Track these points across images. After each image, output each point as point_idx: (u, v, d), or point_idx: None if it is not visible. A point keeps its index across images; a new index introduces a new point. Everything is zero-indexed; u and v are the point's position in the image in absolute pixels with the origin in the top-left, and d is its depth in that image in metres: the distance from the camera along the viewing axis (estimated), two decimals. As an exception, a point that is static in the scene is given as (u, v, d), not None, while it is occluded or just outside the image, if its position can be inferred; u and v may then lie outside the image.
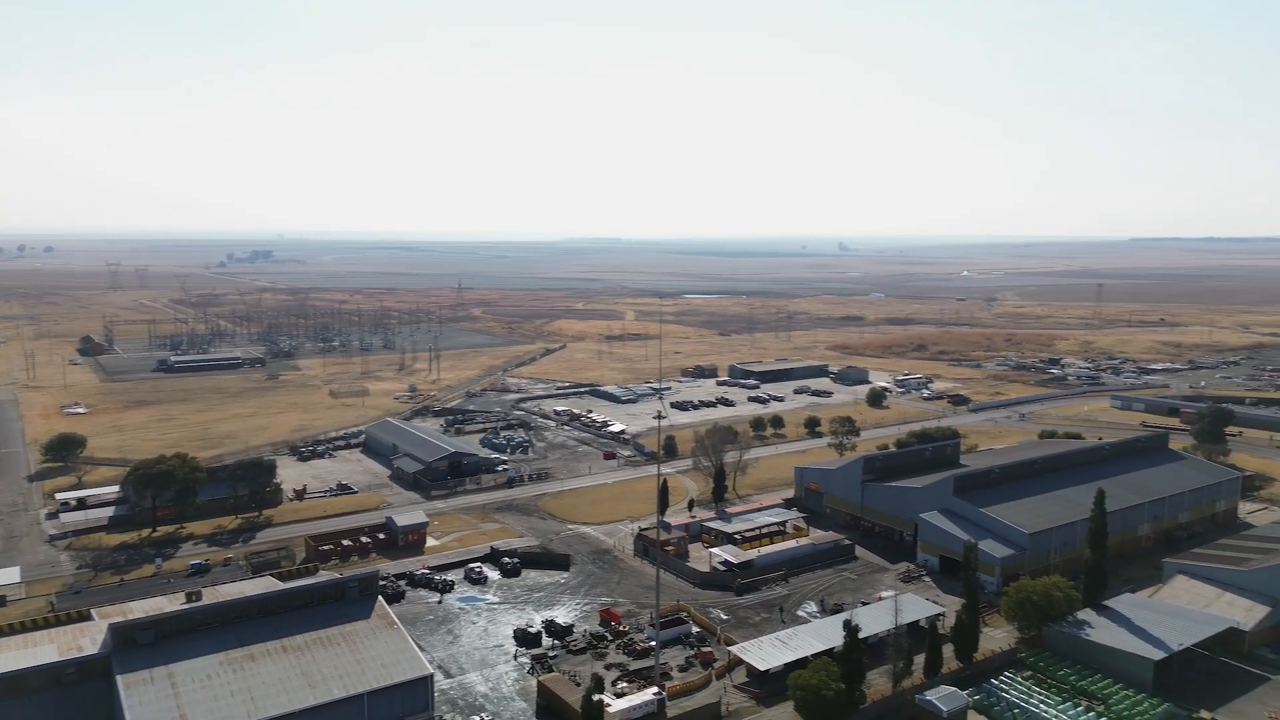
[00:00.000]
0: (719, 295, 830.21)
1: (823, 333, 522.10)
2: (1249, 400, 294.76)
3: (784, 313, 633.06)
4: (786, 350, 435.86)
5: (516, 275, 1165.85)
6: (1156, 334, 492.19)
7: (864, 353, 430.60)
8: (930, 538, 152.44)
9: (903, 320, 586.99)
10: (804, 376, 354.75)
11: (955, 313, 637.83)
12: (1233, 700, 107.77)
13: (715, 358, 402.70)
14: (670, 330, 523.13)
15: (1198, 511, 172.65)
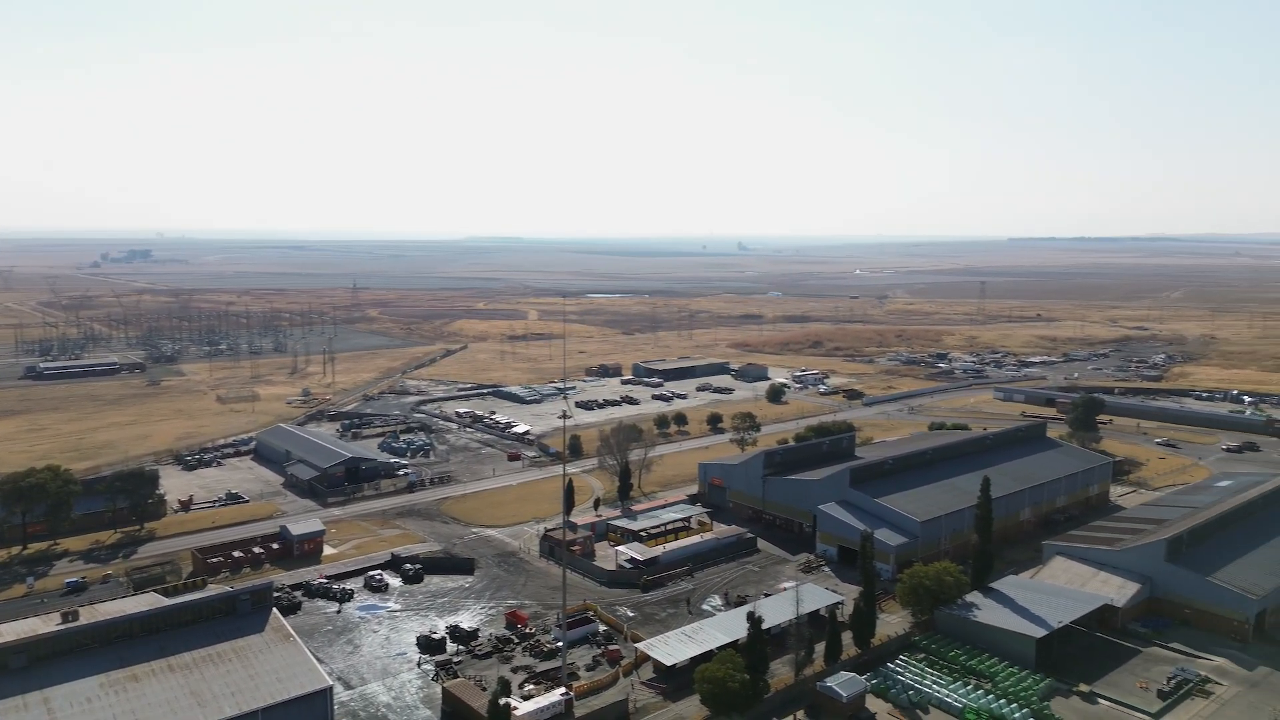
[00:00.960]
0: (622, 294, 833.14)
1: (724, 331, 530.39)
2: (1118, 390, 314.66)
3: (686, 311, 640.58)
4: (689, 348, 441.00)
5: (415, 275, 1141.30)
6: (1034, 329, 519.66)
7: (763, 350, 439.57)
8: (829, 528, 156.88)
9: (800, 318, 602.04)
10: (706, 374, 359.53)
11: (849, 310, 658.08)
12: (1108, 673, 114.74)
13: (619, 357, 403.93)
14: (574, 330, 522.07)
15: (1073, 496, 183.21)
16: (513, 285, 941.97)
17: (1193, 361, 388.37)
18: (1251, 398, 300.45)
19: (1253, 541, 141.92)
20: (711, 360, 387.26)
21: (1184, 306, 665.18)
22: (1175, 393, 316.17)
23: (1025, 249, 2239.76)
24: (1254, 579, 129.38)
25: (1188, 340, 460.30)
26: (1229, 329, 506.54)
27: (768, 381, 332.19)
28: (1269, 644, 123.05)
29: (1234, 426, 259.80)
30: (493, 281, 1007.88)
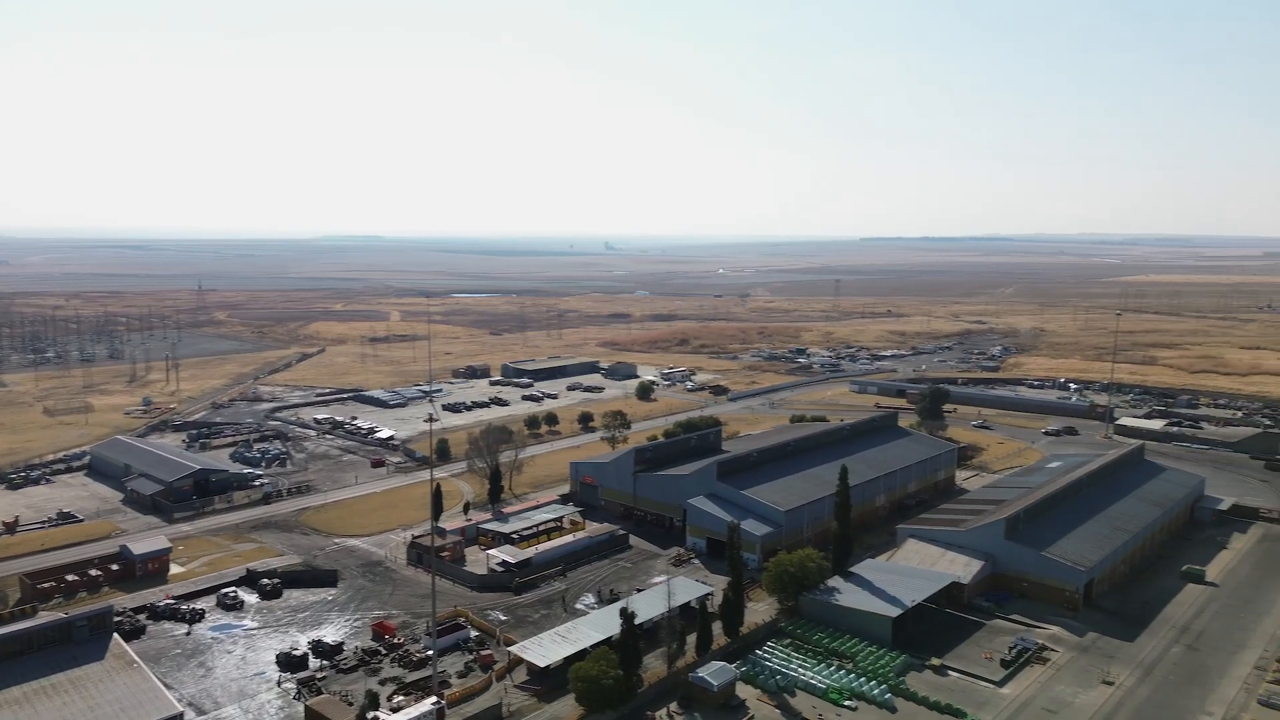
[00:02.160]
0: (489, 294, 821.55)
1: (592, 330, 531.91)
2: (961, 380, 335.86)
3: (555, 311, 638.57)
4: (558, 348, 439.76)
5: (266, 275, 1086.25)
6: (885, 324, 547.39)
7: (632, 348, 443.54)
8: (698, 521, 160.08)
9: (667, 316, 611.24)
10: (576, 373, 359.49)
11: (714, 308, 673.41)
12: (957, 646, 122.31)
13: (487, 357, 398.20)
14: (439, 330, 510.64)
15: (923, 481, 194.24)
16: (373, 285, 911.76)
17: (1025, 352, 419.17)
18: (1076, 384, 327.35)
19: (1080, 517, 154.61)
20: (581, 359, 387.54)
21: (1016, 301, 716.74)
22: (1011, 382, 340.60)
23: (876, 248, 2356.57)
24: (1082, 552, 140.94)
25: (1020, 333, 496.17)
26: (1055, 322, 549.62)
27: (637, 379, 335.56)
28: (1097, 611, 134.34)
29: (1061, 412, 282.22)
30: (351, 281, 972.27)
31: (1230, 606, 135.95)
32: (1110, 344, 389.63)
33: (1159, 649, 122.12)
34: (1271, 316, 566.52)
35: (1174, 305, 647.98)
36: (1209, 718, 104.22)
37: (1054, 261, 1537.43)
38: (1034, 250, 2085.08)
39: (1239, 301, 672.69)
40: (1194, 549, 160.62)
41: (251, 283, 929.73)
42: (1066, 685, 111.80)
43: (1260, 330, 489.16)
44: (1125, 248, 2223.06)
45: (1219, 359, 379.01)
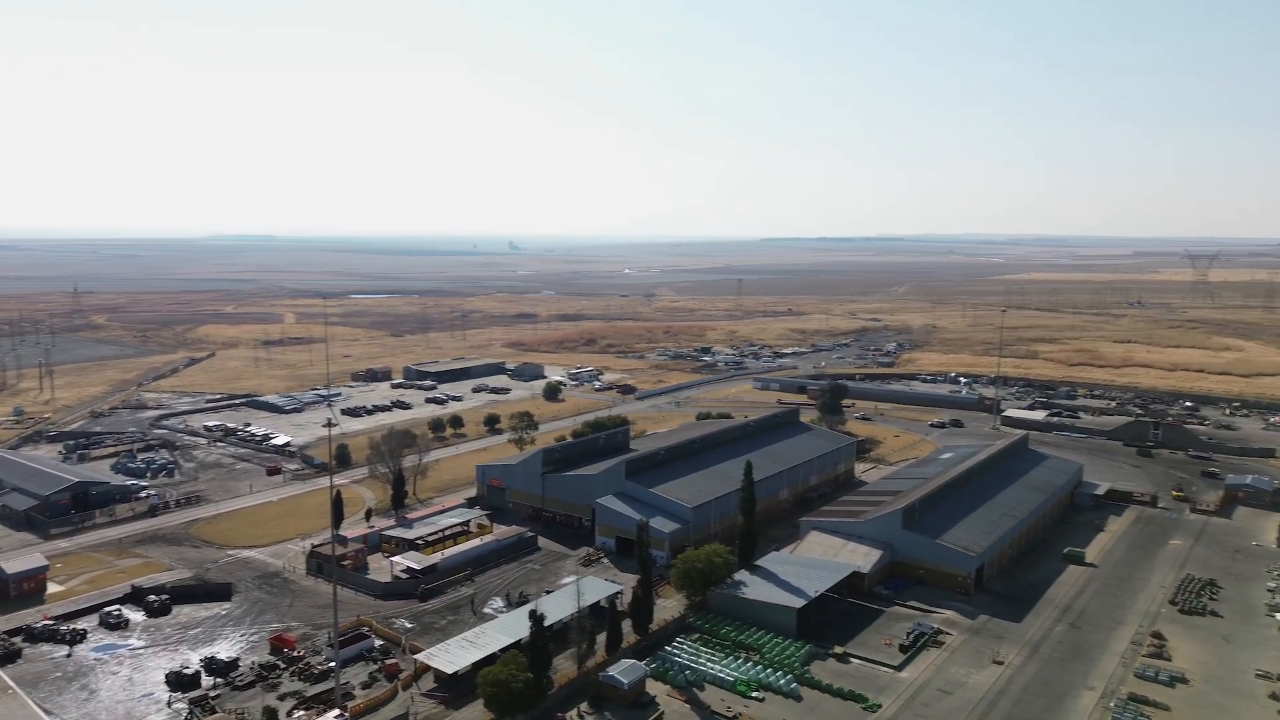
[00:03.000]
0: (389, 295, 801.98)
1: (498, 330, 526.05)
2: (858, 376, 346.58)
3: (458, 311, 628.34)
4: (463, 349, 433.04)
5: (149, 276, 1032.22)
6: (786, 322, 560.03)
7: (539, 349, 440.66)
8: (607, 520, 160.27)
9: (573, 316, 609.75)
10: (481, 375, 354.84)
11: (620, 308, 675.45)
12: (858, 634, 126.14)
13: (389, 359, 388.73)
14: (337, 333, 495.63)
15: (825, 475, 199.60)
16: (266, 286, 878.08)
17: (918, 348, 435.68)
18: (966, 378, 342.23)
19: (971, 505, 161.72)
20: (487, 360, 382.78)
21: (909, 299, 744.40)
22: (905, 377, 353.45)
23: (776, 248, 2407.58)
24: (973, 539, 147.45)
25: (913, 330, 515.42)
26: (946, 319, 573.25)
27: (544, 380, 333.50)
28: (987, 594, 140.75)
29: (953, 405, 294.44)
30: (242, 283, 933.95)
31: (1108, 586, 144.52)
32: (996, 339, 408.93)
33: (1044, 628, 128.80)
34: (1141, 312, 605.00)
35: (1053, 302, 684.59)
36: (1091, 691, 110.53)
37: (944, 261, 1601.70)
38: (925, 250, 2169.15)
39: (1111, 298, 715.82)
40: (1074, 532, 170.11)
41: (133, 284, 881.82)
42: (960, 667, 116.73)
43: (1131, 325, 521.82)
44: (1008, 247, 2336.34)
45: (1094, 352, 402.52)
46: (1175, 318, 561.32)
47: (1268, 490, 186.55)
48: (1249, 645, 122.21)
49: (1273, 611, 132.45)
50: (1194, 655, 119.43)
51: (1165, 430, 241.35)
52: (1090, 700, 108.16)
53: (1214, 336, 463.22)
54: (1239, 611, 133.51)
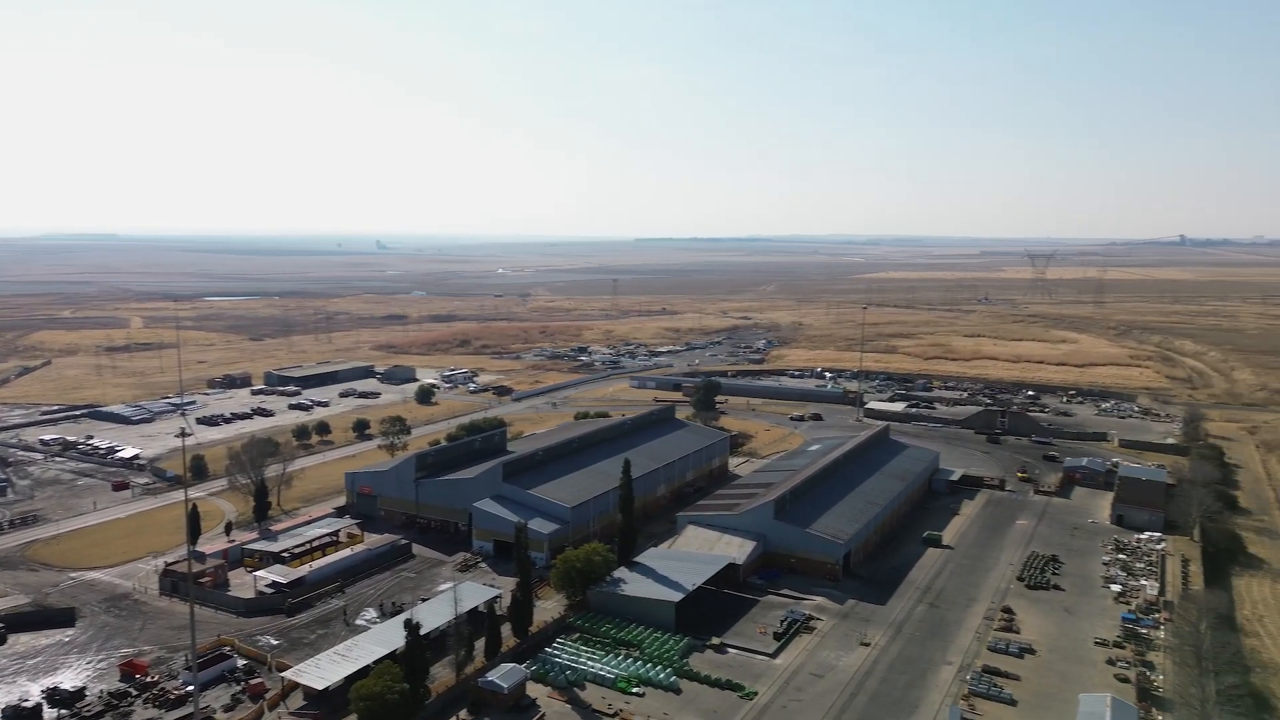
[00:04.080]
0: (247, 297, 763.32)
1: (366, 333, 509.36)
2: (731, 373, 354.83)
3: (323, 314, 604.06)
4: (329, 353, 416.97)
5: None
6: (661, 321, 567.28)
7: (410, 351, 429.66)
8: (484, 524, 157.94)
9: (445, 317, 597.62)
10: (349, 379, 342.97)
11: (494, 308, 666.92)
12: (735, 624, 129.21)
13: (248, 365, 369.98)
14: (190, 337, 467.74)
15: (700, 470, 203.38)
16: (108, 289, 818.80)
17: (787, 345, 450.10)
18: (831, 373, 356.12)
19: (838, 494, 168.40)
20: (354, 364, 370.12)
21: (777, 298, 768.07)
22: (774, 372, 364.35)
23: (649, 248, 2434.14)
24: (840, 526, 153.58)
25: (782, 327, 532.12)
26: (812, 316, 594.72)
27: (416, 383, 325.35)
28: (854, 580, 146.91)
29: (819, 398, 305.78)
30: (81, 285, 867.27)
31: (963, 566, 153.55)
32: (858, 335, 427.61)
33: (907, 609, 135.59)
34: (988, 308, 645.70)
35: (909, 299, 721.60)
36: (949, 666, 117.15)
37: (809, 260, 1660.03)
38: (792, 250, 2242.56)
39: (962, 295, 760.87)
40: (932, 516, 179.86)
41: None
42: (831, 650, 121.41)
43: (979, 320, 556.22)
44: (868, 248, 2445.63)
45: (947, 346, 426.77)
46: (1018, 313, 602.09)
47: (1100, 471, 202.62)
48: (1087, 615, 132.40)
49: (1107, 583, 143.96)
50: (1040, 627, 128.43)
51: (1011, 418, 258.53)
52: (949, 674, 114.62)
53: (1052, 330, 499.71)
54: (1078, 585, 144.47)
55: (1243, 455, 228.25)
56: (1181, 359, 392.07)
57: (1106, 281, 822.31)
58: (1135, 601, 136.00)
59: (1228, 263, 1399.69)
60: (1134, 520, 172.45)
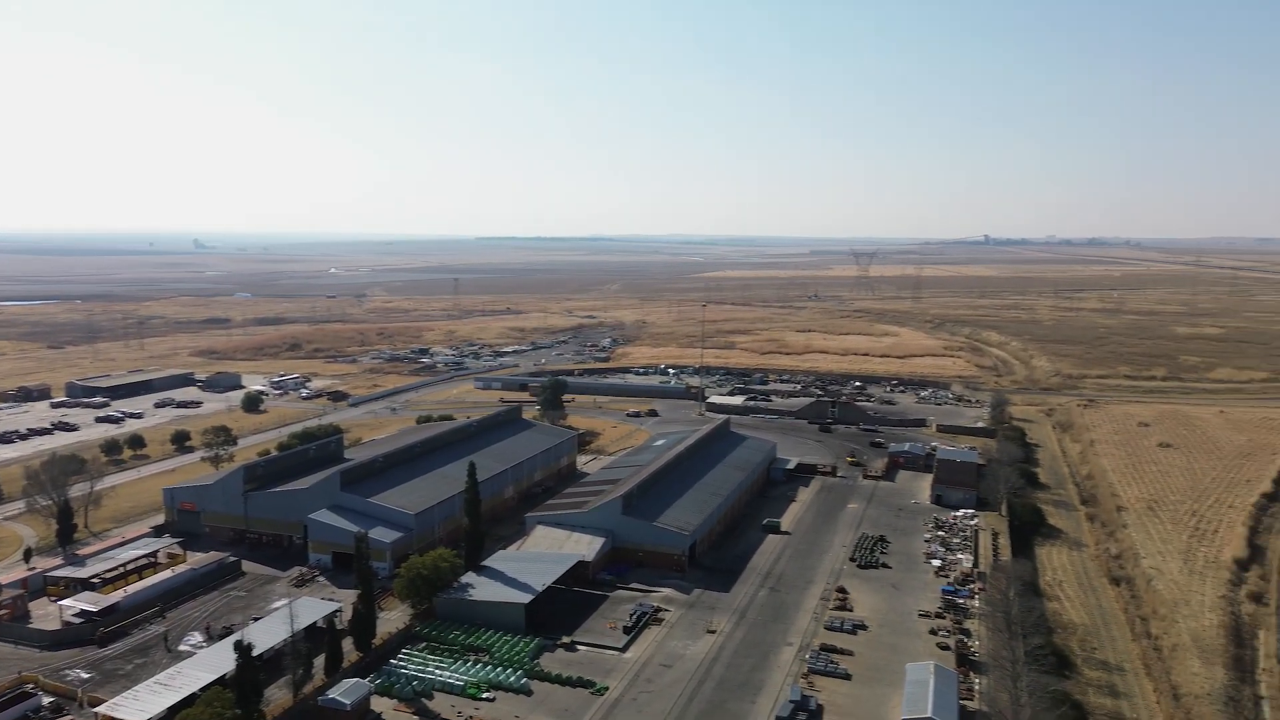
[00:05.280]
0: (44, 301, 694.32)
1: (184, 338, 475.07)
2: (577, 372, 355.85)
3: (134, 318, 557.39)
4: (141, 360, 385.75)
5: None
6: (506, 321, 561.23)
7: (235, 356, 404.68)
8: (321, 536, 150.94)
9: (274, 320, 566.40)
10: (166, 388, 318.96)
11: (327, 310, 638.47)
12: (585, 621, 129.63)
13: (47, 376, 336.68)
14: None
15: (548, 469, 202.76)
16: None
17: (631, 343, 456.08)
18: (674, 369, 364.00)
19: (683, 487, 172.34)
20: (172, 372, 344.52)
21: (621, 297, 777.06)
22: (620, 370, 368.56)
23: (491, 247, 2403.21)
24: (686, 518, 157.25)
25: (626, 325, 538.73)
26: (655, 314, 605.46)
27: (242, 390, 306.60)
28: (700, 570, 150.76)
29: (663, 394, 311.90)
30: None
31: (800, 550, 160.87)
32: (699, 332, 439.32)
33: (749, 595, 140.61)
34: (817, 304, 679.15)
35: (746, 297, 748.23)
36: (790, 647, 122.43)
37: (651, 260, 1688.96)
38: (634, 250, 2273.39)
39: (793, 292, 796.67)
40: (771, 504, 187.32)
41: None
42: (679, 640, 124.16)
43: (810, 316, 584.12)
44: (707, 247, 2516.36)
45: (781, 341, 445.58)
46: (845, 308, 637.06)
47: (921, 455, 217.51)
48: (912, 591, 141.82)
49: (929, 559, 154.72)
50: (871, 604, 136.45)
51: (841, 408, 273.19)
52: (790, 655, 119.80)
53: (876, 324, 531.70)
54: (903, 562, 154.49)
55: (1041, 435, 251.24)
56: (988, 349, 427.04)
57: (922, 278, 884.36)
58: (953, 574, 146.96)
59: (1026, 260, 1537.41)
60: (951, 499, 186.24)
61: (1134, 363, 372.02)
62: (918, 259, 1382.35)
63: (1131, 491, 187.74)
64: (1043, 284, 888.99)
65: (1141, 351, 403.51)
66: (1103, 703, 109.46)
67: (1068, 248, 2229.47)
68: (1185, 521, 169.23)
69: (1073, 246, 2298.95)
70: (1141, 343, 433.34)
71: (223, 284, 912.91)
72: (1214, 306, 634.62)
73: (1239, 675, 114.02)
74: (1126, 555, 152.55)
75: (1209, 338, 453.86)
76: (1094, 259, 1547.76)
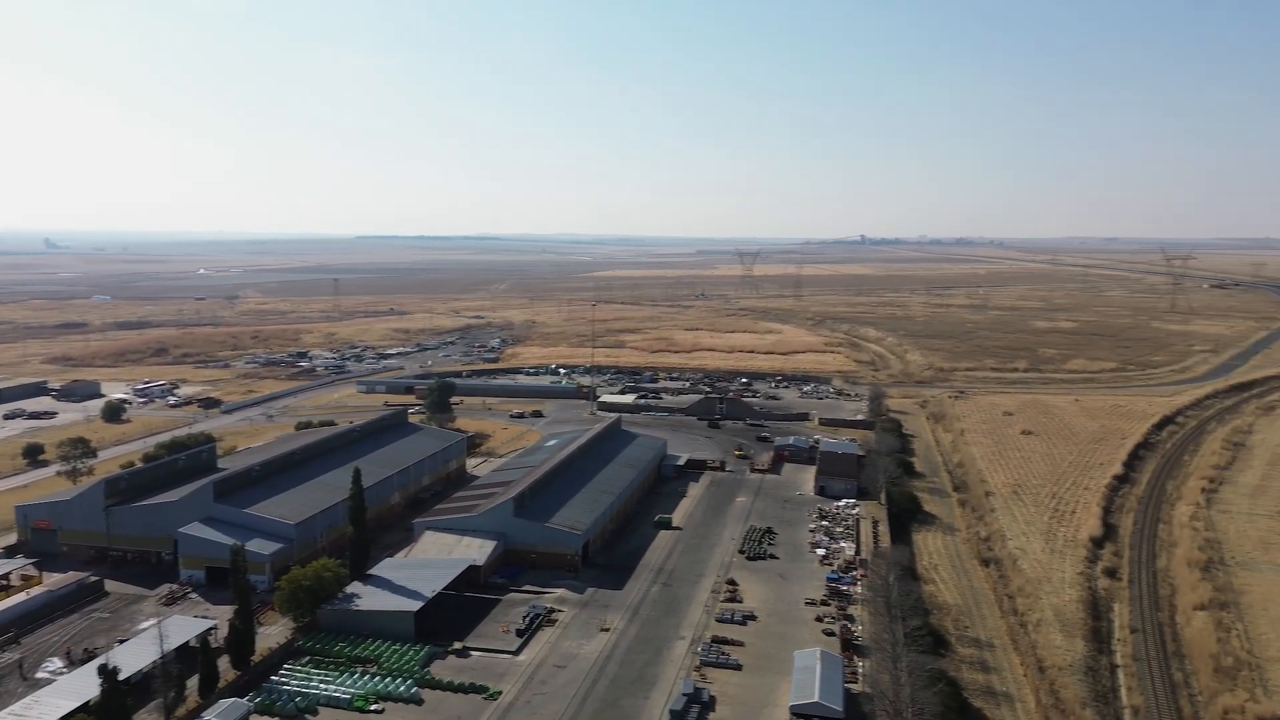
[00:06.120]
0: None
1: (35, 344, 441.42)
2: (465, 373, 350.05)
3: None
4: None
5: None
6: (389, 322, 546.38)
7: (93, 363, 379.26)
8: (193, 550, 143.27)
9: (137, 324, 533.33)
10: (15, 398, 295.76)
11: (196, 312, 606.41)
12: (477, 626, 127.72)
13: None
14: None
15: (436, 473, 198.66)
16: None
17: (521, 343, 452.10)
18: (565, 369, 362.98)
19: (575, 487, 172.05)
20: (22, 380, 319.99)
21: (510, 296, 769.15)
22: (510, 371, 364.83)
23: (373, 246, 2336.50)
24: (578, 518, 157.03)
25: (515, 325, 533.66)
26: (544, 314, 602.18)
27: (102, 399, 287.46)
28: (593, 568, 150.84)
29: (554, 394, 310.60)
30: None
31: (691, 545, 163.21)
32: (589, 332, 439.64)
33: (642, 591, 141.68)
34: (704, 303, 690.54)
35: (635, 296, 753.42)
36: (682, 641, 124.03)
37: (539, 259, 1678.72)
38: (522, 249, 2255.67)
39: (681, 291, 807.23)
40: (662, 500, 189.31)
41: None
42: (573, 640, 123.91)
43: (697, 314, 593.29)
44: (595, 247, 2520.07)
45: (670, 340, 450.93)
46: (731, 307, 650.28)
47: (805, 448, 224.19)
48: (799, 579, 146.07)
49: (814, 549, 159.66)
50: (760, 594, 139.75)
51: (729, 404, 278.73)
52: (682, 649, 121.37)
53: (760, 322, 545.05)
54: (790, 552, 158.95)
55: (916, 426, 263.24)
56: (866, 344, 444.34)
57: (803, 277, 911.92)
58: (837, 562, 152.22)
59: (900, 259, 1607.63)
60: (833, 490, 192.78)
61: (998, 356, 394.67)
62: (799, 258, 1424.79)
63: (998, 477, 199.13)
64: (915, 282, 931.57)
65: (1005, 345, 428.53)
66: (975, 678, 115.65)
67: (938, 247, 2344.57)
68: (1046, 504, 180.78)
69: (942, 246, 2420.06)
70: (1005, 337, 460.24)
71: (78, 286, 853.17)
72: (1068, 302, 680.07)
73: (1097, 646, 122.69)
74: (995, 537, 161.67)
75: (1064, 331, 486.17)
76: (962, 258, 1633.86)
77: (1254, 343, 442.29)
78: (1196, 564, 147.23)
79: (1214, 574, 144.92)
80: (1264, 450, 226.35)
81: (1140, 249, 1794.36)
